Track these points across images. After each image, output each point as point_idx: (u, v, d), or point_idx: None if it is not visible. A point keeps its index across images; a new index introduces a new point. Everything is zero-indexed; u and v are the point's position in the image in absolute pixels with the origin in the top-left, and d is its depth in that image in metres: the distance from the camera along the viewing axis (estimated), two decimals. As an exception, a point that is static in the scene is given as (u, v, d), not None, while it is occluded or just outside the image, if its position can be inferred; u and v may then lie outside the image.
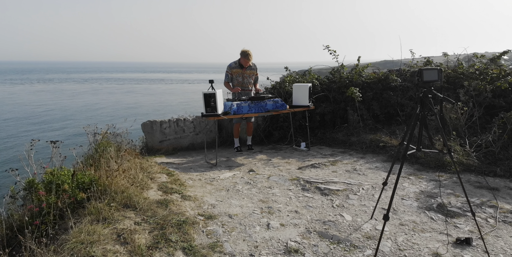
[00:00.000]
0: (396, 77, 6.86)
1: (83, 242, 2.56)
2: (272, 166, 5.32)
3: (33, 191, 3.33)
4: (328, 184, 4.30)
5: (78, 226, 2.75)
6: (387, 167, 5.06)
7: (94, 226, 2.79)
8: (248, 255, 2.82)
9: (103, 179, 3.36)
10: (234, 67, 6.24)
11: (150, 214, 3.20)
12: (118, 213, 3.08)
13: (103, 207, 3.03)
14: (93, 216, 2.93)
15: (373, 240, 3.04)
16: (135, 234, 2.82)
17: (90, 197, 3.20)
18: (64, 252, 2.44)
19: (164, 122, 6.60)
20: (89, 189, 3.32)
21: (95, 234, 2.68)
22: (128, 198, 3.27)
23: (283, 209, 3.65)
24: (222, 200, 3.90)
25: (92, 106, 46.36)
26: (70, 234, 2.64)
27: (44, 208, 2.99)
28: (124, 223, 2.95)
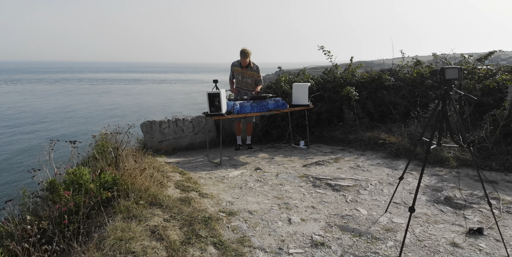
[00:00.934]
0: (389, 77, 7.09)
1: (121, 239, 2.61)
2: (277, 164, 5.44)
3: (55, 191, 3.34)
4: (337, 180, 4.45)
5: (112, 224, 2.79)
6: (388, 163, 5.25)
7: (127, 223, 2.84)
8: (276, 248, 2.93)
9: (125, 178, 3.40)
10: (235, 65, 6.35)
11: (176, 211, 3.26)
12: (147, 211, 3.13)
13: (131, 205, 3.08)
14: (124, 214, 2.97)
15: (392, 232, 3.20)
16: (167, 230, 2.89)
17: (114, 196, 3.24)
18: (106, 249, 2.48)
19: (163, 122, 6.62)
20: (111, 188, 3.35)
21: (130, 231, 2.74)
22: (153, 196, 3.32)
23: (300, 205, 3.77)
24: (238, 197, 3.98)
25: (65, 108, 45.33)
26: (107, 232, 2.69)
27: (72, 207, 3.02)
28: (154, 220, 3.01)
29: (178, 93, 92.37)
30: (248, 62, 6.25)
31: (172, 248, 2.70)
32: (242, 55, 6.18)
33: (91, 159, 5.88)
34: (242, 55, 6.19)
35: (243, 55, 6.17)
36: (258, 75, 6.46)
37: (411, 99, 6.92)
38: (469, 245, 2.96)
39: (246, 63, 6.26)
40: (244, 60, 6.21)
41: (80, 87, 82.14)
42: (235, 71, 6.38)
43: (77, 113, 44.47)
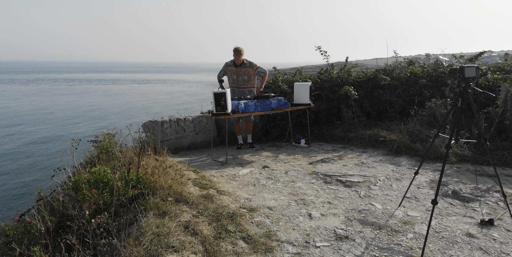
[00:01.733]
0: (385, 76, 7.30)
1: (159, 234, 2.68)
2: (282, 162, 5.55)
3: (79, 190, 3.36)
4: (346, 177, 4.59)
5: (146, 220, 2.85)
6: (391, 159, 5.43)
7: (160, 219, 2.91)
8: (303, 242, 3.04)
9: (148, 176, 3.45)
10: (229, 65, 6.42)
11: (202, 207, 3.33)
12: (175, 207, 3.20)
13: (160, 202, 3.14)
14: (154, 210, 3.03)
15: (409, 224, 3.35)
16: (199, 226, 2.96)
17: (143, 193, 3.29)
18: (146, 244, 2.55)
19: (165, 122, 6.64)
20: (135, 186, 3.39)
21: (165, 227, 2.81)
22: (178, 193, 3.38)
23: (316, 201, 3.89)
24: (254, 194, 4.07)
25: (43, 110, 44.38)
26: (143, 228, 2.75)
27: (101, 205, 3.06)
28: (184, 216, 3.08)
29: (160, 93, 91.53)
30: (242, 60, 6.33)
31: (207, 242, 2.78)
32: (236, 53, 6.26)
33: (96, 158, 5.88)
34: (236, 53, 6.27)
35: (237, 53, 6.26)
36: (253, 69, 6.47)
37: (406, 98, 7.14)
38: (483, 235, 3.14)
39: (240, 61, 6.33)
40: (238, 58, 6.28)
41: (56, 88, 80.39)
42: (229, 71, 6.42)
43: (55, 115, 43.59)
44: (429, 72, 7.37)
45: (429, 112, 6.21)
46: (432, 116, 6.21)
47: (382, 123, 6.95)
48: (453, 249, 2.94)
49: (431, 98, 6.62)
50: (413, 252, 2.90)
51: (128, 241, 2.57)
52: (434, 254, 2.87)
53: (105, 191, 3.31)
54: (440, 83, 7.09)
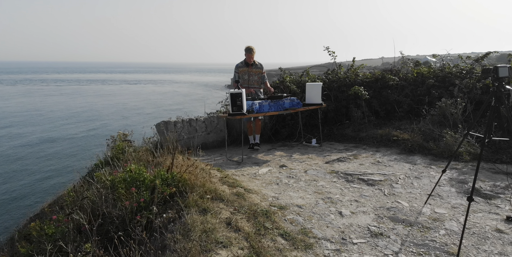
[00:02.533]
0: (394, 77, 7.40)
1: (205, 231, 2.72)
2: (298, 162, 5.60)
3: (115, 189, 3.38)
4: (367, 175, 4.66)
5: (190, 217, 2.89)
6: (405, 158, 5.51)
7: (203, 216, 2.94)
8: (340, 239, 3.10)
9: (182, 175, 3.49)
10: (240, 66, 6.46)
11: (237, 205, 3.38)
12: (213, 205, 3.24)
13: (199, 200, 3.18)
14: (195, 208, 3.06)
15: (439, 221, 3.42)
16: (239, 223, 3.01)
17: (176, 191, 3.33)
18: (196, 239, 2.59)
19: (177, 122, 6.66)
20: (170, 184, 3.43)
21: (209, 223, 2.85)
22: (213, 191, 3.43)
23: (343, 199, 3.95)
24: (280, 193, 4.12)
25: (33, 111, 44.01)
26: (188, 224, 2.79)
27: (142, 203, 3.09)
28: (223, 213, 3.12)
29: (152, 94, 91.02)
30: (253, 60, 6.39)
31: (250, 238, 2.83)
32: (248, 51, 6.32)
33: (113, 158, 5.89)
34: (248, 51, 6.33)
35: (249, 51, 6.32)
36: (262, 71, 6.58)
37: (414, 98, 7.25)
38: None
39: (252, 59, 6.38)
40: (250, 56, 6.34)
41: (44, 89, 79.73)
42: (241, 72, 6.47)
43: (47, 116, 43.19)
44: (435, 73, 7.49)
45: (439, 111, 6.32)
46: (442, 116, 6.32)
47: (391, 123, 7.05)
48: (486, 244, 3.02)
49: (439, 98, 6.74)
50: (449, 247, 2.97)
51: (177, 237, 2.61)
52: (469, 249, 2.95)
53: (141, 189, 3.34)
54: (447, 83, 7.20)
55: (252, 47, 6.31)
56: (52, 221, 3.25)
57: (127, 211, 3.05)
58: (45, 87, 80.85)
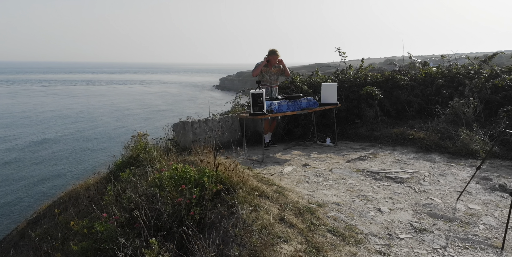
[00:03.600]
0: (404, 77, 7.55)
1: (263, 226, 2.78)
2: (319, 160, 5.68)
3: (162, 186, 3.43)
4: (392, 173, 4.77)
5: (245, 213, 2.94)
6: (423, 157, 5.64)
7: (255, 212, 3.00)
8: (386, 234, 3.19)
9: (224, 173, 3.55)
10: (264, 65, 6.55)
11: (281, 201, 3.44)
12: (261, 201, 3.29)
13: (247, 197, 3.24)
14: (245, 204, 3.12)
15: (476, 217, 3.54)
16: (290, 219, 3.07)
17: (223, 189, 3.39)
18: (257, 233, 2.65)
19: (195, 122, 6.69)
20: (215, 181, 3.49)
21: (264, 219, 2.91)
22: (256, 188, 3.49)
23: (377, 197, 4.05)
24: (313, 191, 4.20)
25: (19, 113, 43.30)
26: (244, 220, 2.85)
27: (194, 199, 3.15)
28: (272, 210, 3.18)
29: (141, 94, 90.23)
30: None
31: (304, 233, 2.91)
32: (274, 54, 6.42)
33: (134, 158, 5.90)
34: (274, 54, 6.42)
35: (276, 53, 6.42)
36: (280, 68, 6.68)
37: (424, 98, 7.41)
38: (548, 224, 3.35)
39: (275, 62, 6.49)
40: (275, 59, 6.44)
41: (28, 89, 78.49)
42: (263, 71, 6.59)
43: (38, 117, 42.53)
44: (444, 73, 7.66)
45: (452, 111, 6.47)
46: (455, 115, 6.47)
47: (402, 122, 7.19)
48: (526, 238, 3.15)
49: (450, 98, 6.91)
50: (492, 241, 3.08)
51: (240, 232, 2.67)
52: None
53: (188, 186, 3.39)
54: (456, 83, 7.38)
55: (276, 50, 6.43)
56: (103, 219, 3.28)
57: (180, 208, 3.10)
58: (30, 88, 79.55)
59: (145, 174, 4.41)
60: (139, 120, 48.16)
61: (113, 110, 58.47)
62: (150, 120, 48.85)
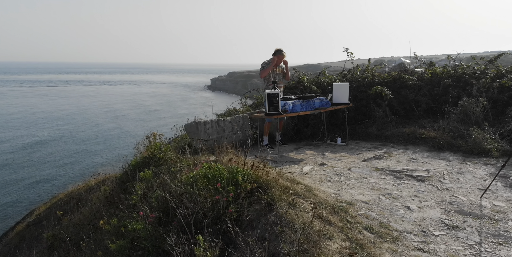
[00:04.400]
0: (412, 77, 7.65)
1: (304, 223, 2.82)
2: (334, 160, 5.73)
3: (196, 184, 3.44)
4: (411, 172, 4.84)
5: (283, 211, 2.98)
6: (437, 155, 5.72)
7: (293, 210, 3.04)
8: (420, 231, 3.25)
9: (254, 171, 3.58)
10: (269, 64, 6.57)
11: (313, 199, 3.48)
12: (295, 200, 3.33)
13: (282, 195, 3.27)
14: (282, 202, 3.15)
15: (503, 213, 3.62)
16: (328, 217, 3.11)
17: (257, 187, 3.42)
18: (300, 231, 2.69)
19: (207, 122, 6.69)
20: (247, 180, 3.52)
21: (303, 217, 2.94)
22: (288, 187, 3.53)
23: (402, 195, 4.11)
24: (338, 190, 4.25)
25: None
26: (284, 217, 2.89)
27: (230, 198, 3.17)
28: (307, 208, 3.21)
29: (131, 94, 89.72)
30: None
31: (342, 230, 2.95)
32: (280, 53, 6.44)
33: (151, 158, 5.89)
34: (279, 53, 6.44)
35: (281, 53, 6.44)
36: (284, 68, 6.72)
37: (431, 98, 7.52)
38: None
39: (281, 61, 6.53)
40: (282, 58, 6.47)
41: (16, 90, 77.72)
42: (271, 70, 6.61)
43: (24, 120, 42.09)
44: (450, 73, 7.78)
45: (461, 110, 6.58)
46: (464, 114, 6.58)
47: (411, 121, 7.28)
48: (555, 233, 3.23)
49: (458, 98, 7.02)
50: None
51: (283, 229, 2.70)
52: (543, 238, 3.14)
53: (222, 185, 3.42)
54: (463, 83, 7.50)
55: (282, 49, 6.45)
56: (140, 217, 3.29)
57: (218, 205, 3.13)
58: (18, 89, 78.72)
59: (169, 174, 4.42)
60: (133, 121, 47.90)
61: (104, 111, 58.08)
62: (143, 121, 48.64)
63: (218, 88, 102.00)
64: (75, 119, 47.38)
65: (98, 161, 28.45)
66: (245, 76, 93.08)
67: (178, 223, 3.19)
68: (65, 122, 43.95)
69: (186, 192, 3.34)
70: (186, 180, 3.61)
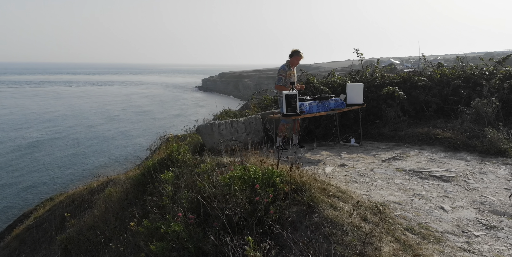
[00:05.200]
0: (423, 78, 7.71)
1: (353, 225, 2.81)
2: (353, 161, 5.74)
3: (230, 185, 3.42)
4: (434, 172, 4.86)
5: (327, 213, 2.97)
6: (454, 155, 5.77)
7: (337, 212, 3.03)
8: (460, 232, 3.26)
9: (288, 173, 3.58)
10: (287, 69, 6.53)
11: (350, 201, 3.47)
12: (334, 201, 3.32)
13: (322, 197, 3.26)
14: (324, 204, 3.15)
15: (536, 213, 3.65)
16: (371, 218, 3.11)
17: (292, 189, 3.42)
18: (350, 232, 2.69)
19: (221, 124, 6.66)
20: (286, 182, 3.51)
21: (349, 218, 2.94)
22: (326, 188, 3.52)
23: (432, 195, 4.12)
24: (367, 191, 4.25)
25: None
26: (329, 218, 2.89)
27: (270, 199, 3.16)
28: (347, 209, 3.20)
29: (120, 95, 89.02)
30: None
31: (391, 233, 2.95)
32: (298, 54, 6.40)
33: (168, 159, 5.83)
34: (298, 54, 6.40)
35: (298, 54, 6.40)
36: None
37: (442, 98, 7.58)
38: None
39: (298, 62, 6.51)
40: (299, 59, 6.43)
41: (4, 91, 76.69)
42: (288, 75, 6.52)
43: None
44: (458, 74, 7.86)
45: (474, 110, 6.65)
46: (476, 115, 6.65)
47: (422, 122, 7.33)
48: None
49: (469, 98, 7.09)
50: None
51: (332, 231, 2.69)
52: None
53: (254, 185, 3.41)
54: (472, 84, 7.57)
55: (299, 50, 6.42)
56: (179, 218, 3.27)
57: (260, 206, 3.12)
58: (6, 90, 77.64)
59: (195, 175, 4.39)
60: (126, 123, 47.59)
61: (96, 112, 57.56)
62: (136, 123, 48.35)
63: (209, 88, 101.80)
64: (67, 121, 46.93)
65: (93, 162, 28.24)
66: (236, 77, 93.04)
67: (219, 224, 3.17)
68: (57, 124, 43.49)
69: (223, 193, 3.32)
70: (222, 181, 3.58)
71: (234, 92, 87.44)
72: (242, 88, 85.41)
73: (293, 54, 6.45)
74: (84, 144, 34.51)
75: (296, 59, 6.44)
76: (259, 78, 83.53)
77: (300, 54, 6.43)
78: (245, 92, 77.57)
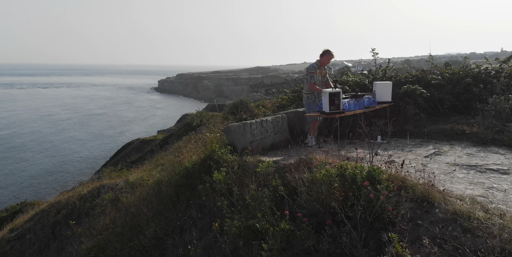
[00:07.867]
0: (436, 76, 7.97)
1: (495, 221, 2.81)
2: (395, 157, 5.79)
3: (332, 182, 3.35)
4: (488, 166, 5.02)
5: (457, 207, 2.97)
6: (486, 149, 5.98)
7: (459, 206, 3.04)
8: None
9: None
10: (316, 68, 6.53)
11: (453, 196, 3.49)
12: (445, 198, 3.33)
13: (434, 193, 3.27)
14: (441, 200, 3.15)
15: None
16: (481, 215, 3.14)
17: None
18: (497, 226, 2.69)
19: (252, 123, 6.53)
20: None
21: (478, 211, 2.94)
22: (427, 184, 3.53)
23: (507, 188, 4.23)
24: (443, 186, 4.27)
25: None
26: (461, 214, 2.88)
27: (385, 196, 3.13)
28: (459, 203, 3.21)
29: (69, 98, 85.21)
30: None
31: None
32: (331, 53, 6.43)
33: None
34: (330, 53, 6.43)
35: (332, 53, 6.43)
36: (326, 71, 6.79)
37: (454, 96, 7.88)
38: None
39: (328, 62, 6.53)
40: (330, 58, 6.46)
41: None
42: (318, 73, 6.55)
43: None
44: (467, 72, 8.21)
45: (492, 107, 6.95)
46: (494, 111, 6.96)
47: (439, 118, 7.56)
48: None
49: (481, 95, 7.42)
50: None
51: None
52: None
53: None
54: (480, 82, 7.93)
55: (330, 49, 6.45)
56: (287, 216, 3.20)
57: (377, 203, 3.07)
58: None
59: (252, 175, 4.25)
60: (74, 126, 45.70)
61: (41, 115, 54.78)
62: (86, 126, 46.51)
63: (167, 90, 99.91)
64: (9, 126, 44.32)
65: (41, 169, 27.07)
66: (195, 78, 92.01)
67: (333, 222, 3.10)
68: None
69: (320, 190, 3.26)
70: (321, 178, 3.50)
71: (194, 94, 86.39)
72: (202, 89, 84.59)
73: (324, 54, 6.46)
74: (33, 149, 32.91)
75: (327, 58, 6.45)
76: (219, 80, 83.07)
77: (331, 53, 6.45)
78: (205, 93, 76.95)
